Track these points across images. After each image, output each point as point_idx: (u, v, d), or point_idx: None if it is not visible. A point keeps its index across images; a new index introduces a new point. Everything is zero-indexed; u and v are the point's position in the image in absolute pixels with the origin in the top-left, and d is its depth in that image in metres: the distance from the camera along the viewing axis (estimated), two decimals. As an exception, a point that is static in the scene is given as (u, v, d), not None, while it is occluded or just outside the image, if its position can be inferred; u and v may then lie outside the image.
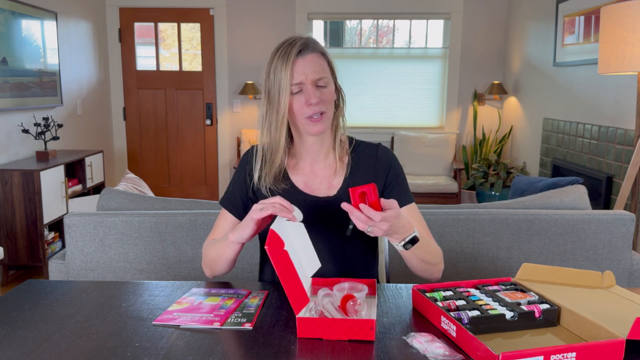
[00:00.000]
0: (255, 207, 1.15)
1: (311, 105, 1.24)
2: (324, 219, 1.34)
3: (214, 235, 1.39)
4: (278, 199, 1.14)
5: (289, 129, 1.34)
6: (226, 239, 1.25)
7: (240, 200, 1.37)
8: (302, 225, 1.18)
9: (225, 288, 1.27)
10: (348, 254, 1.36)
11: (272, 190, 1.34)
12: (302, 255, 1.14)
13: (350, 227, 1.33)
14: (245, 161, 1.39)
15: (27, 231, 3.31)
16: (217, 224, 1.40)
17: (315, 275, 1.21)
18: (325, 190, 1.35)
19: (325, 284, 1.21)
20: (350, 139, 1.42)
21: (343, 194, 1.34)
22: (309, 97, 1.24)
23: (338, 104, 1.36)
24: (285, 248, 1.05)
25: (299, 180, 1.36)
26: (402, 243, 1.16)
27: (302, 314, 1.06)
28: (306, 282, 1.15)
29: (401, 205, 1.33)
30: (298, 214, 1.16)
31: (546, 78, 4.33)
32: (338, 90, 1.35)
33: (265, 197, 1.33)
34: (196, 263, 1.92)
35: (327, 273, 1.33)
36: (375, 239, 1.44)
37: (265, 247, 1.04)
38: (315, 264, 1.20)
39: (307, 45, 1.25)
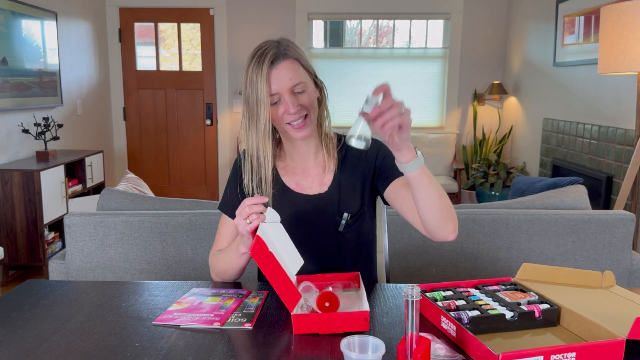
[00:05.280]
0: (236, 221, 1.13)
1: (291, 113, 1.23)
2: (316, 216, 1.34)
3: (218, 244, 1.38)
4: (246, 201, 1.12)
5: (275, 130, 1.34)
6: (234, 250, 1.25)
7: (238, 203, 1.37)
8: (281, 225, 1.18)
9: (225, 288, 1.27)
10: (342, 249, 1.36)
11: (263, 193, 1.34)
12: (285, 255, 1.15)
13: (343, 222, 1.33)
14: (237, 167, 1.39)
15: (27, 231, 3.31)
16: (219, 232, 1.39)
17: (311, 272, 1.22)
18: (317, 187, 1.36)
19: (310, 280, 1.22)
20: (339, 137, 1.41)
21: (334, 190, 1.35)
22: (287, 107, 1.23)
23: (321, 99, 1.33)
24: (270, 250, 1.06)
25: (291, 180, 1.36)
26: (418, 153, 1.08)
27: (295, 311, 1.06)
28: (292, 280, 1.16)
29: (397, 175, 1.30)
30: (271, 214, 1.16)
31: (546, 78, 4.33)
32: (319, 87, 1.33)
33: None
34: (196, 263, 1.92)
35: (322, 270, 1.34)
36: (370, 234, 1.43)
37: (249, 252, 1.05)
38: (298, 262, 1.20)
39: (278, 55, 1.22)
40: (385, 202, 1.39)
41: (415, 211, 1.23)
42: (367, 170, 1.36)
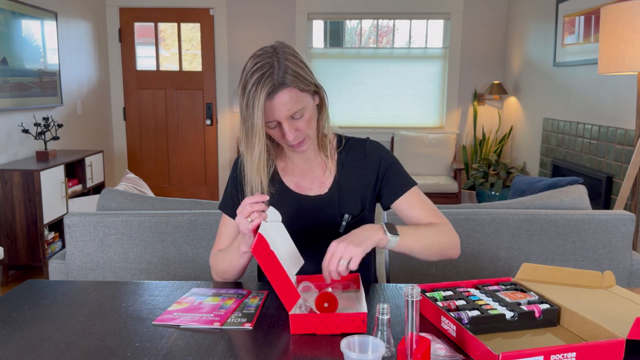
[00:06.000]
0: (237, 219, 1.13)
1: (289, 139, 1.22)
2: (317, 217, 1.34)
3: (219, 244, 1.38)
4: (247, 200, 1.12)
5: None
6: (235, 249, 1.25)
7: (238, 203, 1.37)
8: (282, 225, 1.18)
9: (225, 288, 1.27)
10: None
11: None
12: (285, 254, 1.15)
13: (344, 223, 1.33)
14: (237, 167, 1.38)
15: (27, 231, 3.31)
16: (220, 232, 1.39)
17: (306, 272, 1.22)
18: (317, 189, 1.35)
19: (310, 280, 1.23)
20: (339, 137, 1.40)
21: (335, 192, 1.34)
22: (285, 134, 1.22)
23: (321, 105, 1.31)
24: (271, 249, 1.06)
25: (290, 181, 1.36)
26: (388, 236, 1.16)
27: (293, 311, 1.06)
28: (292, 280, 1.16)
29: (402, 191, 1.34)
30: (272, 213, 1.16)
31: (546, 78, 4.33)
32: (319, 96, 1.29)
33: None
34: (196, 263, 1.92)
35: (321, 271, 1.33)
36: None
37: (250, 249, 1.05)
38: (299, 262, 1.20)
39: (274, 85, 1.16)
40: (385, 209, 1.40)
41: None
42: (369, 175, 1.36)
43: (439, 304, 1.07)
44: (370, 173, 1.36)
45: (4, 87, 3.42)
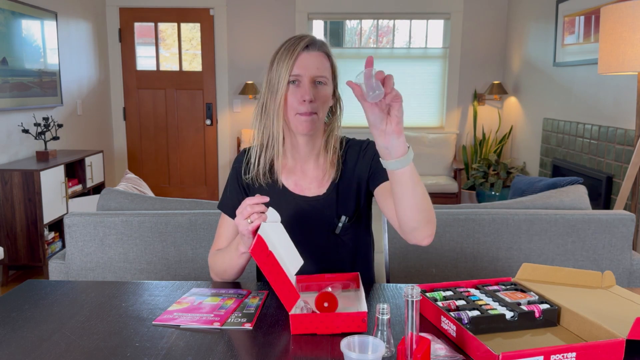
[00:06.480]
0: (237, 220, 1.13)
1: (304, 102, 1.24)
2: (313, 218, 1.34)
3: (217, 244, 1.38)
4: (247, 201, 1.12)
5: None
6: (234, 250, 1.25)
7: (238, 202, 1.37)
8: (281, 225, 1.18)
9: (225, 288, 1.27)
10: (340, 251, 1.36)
11: (264, 189, 1.34)
12: (284, 254, 1.15)
13: (340, 225, 1.33)
14: (237, 164, 1.39)
15: (27, 231, 3.31)
16: (219, 232, 1.39)
17: (303, 273, 1.22)
18: (315, 189, 1.35)
19: (309, 280, 1.23)
20: (341, 139, 1.40)
21: (332, 193, 1.34)
22: (304, 93, 1.23)
23: (335, 110, 1.36)
24: (270, 249, 1.06)
25: (289, 180, 1.36)
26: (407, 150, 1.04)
27: (293, 312, 1.06)
28: (291, 280, 1.16)
29: (387, 178, 1.22)
30: (272, 213, 1.16)
31: (546, 78, 4.33)
32: (337, 97, 1.35)
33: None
34: (196, 263, 1.92)
35: (320, 270, 1.33)
36: (368, 235, 1.43)
37: (249, 251, 1.05)
38: (298, 262, 1.20)
39: (314, 43, 1.27)
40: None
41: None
42: (362, 172, 1.36)
43: (439, 304, 1.07)
44: (364, 168, 1.35)
45: (4, 87, 3.42)
